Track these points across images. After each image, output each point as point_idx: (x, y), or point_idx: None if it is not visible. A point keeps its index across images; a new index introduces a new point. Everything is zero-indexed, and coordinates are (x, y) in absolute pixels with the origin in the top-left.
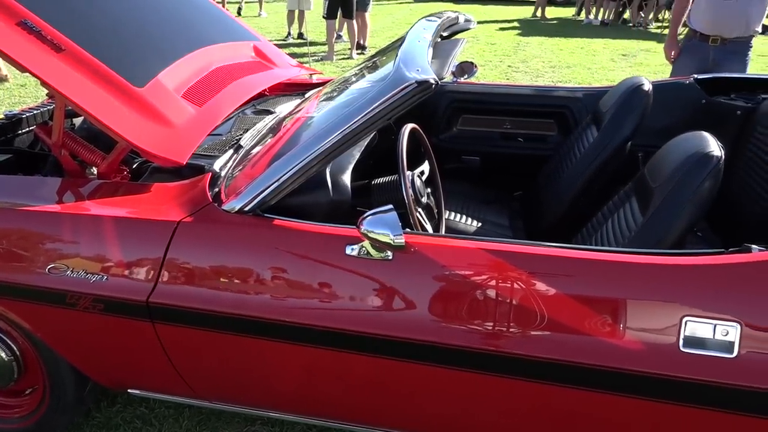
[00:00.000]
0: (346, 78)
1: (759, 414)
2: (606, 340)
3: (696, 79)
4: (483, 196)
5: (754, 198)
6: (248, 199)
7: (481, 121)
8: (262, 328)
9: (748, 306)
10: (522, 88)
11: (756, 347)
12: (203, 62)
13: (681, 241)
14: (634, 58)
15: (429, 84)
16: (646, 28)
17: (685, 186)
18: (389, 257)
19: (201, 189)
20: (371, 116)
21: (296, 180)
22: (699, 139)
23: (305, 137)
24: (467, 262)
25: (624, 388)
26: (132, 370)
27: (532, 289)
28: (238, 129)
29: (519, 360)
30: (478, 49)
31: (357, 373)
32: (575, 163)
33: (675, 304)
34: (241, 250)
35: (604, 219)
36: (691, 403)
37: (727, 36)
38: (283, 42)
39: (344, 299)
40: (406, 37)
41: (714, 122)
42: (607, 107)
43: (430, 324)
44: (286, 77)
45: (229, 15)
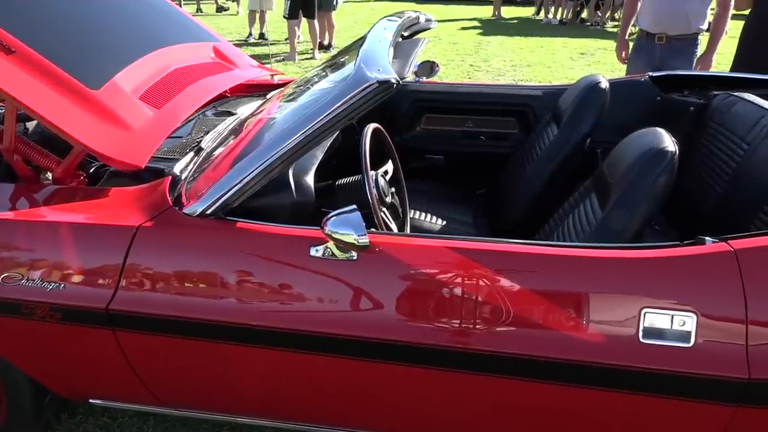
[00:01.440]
0: (308, 78)
1: (715, 401)
2: (569, 333)
3: (651, 77)
4: (447, 195)
5: (708, 191)
6: (210, 202)
7: (444, 120)
8: (227, 332)
9: (703, 296)
10: (484, 87)
11: (711, 336)
12: (161, 64)
13: (639, 235)
14: (592, 56)
15: (390, 84)
16: (603, 27)
17: (641, 181)
18: (354, 257)
19: (161, 193)
20: (333, 116)
21: (259, 182)
22: (654, 135)
23: (267, 138)
24: (432, 260)
25: (587, 380)
26: (93, 379)
27: (497, 285)
28: (198, 131)
29: (486, 356)
30: (440, 48)
31: (325, 375)
32: (536, 160)
33: (634, 296)
34: (203, 254)
35: (565, 214)
36: (651, 392)
37: (671, 33)
38: (244, 42)
39: (310, 301)
40: (366, 37)
41: (669, 118)
42: (566, 105)
43: (396, 323)
44: (247, 78)
45: (188, 16)
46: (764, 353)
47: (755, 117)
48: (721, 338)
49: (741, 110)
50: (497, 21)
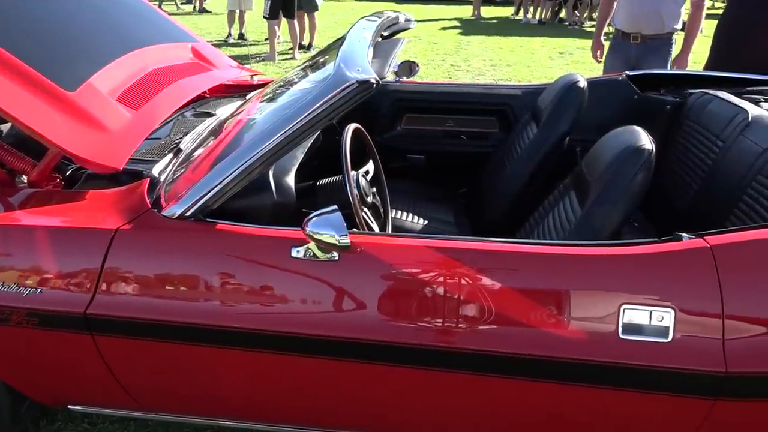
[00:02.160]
0: (287, 79)
1: (693, 395)
2: (551, 331)
3: (628, 76)
4: (428, 194)
5: (685, 188)
6: (189, 204)
7: (425, 119)
8: (208, 335)
9: (680, 292)
10: (464, 86)
11: (689, 331)
12: (138, 65)
13: (617, 232)
14: (570, 55)
15: (370, 84)
16: (581, 27)
17: (619, 179)
18: (335, 258)
19: (139, 195)
20: (313, 117)
21: (239, 183)
22: (631, 133)
23: (247, 139)
24: (414, 260)
25: (569, 377)
26: (72, 384)
27: (478, 284)
28: (177, 132)
29: (469, 355)
30: (420, 48)
31: (308, 376)
32: (517, 159)
33: (613, 293)
34: (183, 256)
35: (545, 213)
36: (631, 387)
37: (645, 33)
38: (223, 43)
39: (291, 302)
40: (346, 38)
41: (646, 116)
42: (545, 104)
43: (379, 323)
44: (226, 79)
45: (165, 16)
46: (740, 347)
47: (729, 115)
48: (698, 333)
49: (716, 108)
50: (477, 21)
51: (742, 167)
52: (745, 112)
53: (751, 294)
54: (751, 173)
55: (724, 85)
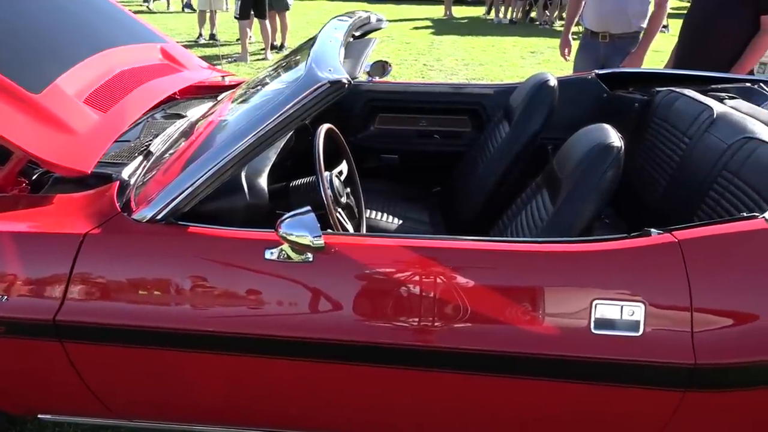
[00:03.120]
0: (259, 79)
1: (664, 387)
2: (526, 327)
3: (597, 74)
4: (403, 194)
5: (654, 184)
6: (160, 207)
7: (398, 119)
8: (182, 339)
9: (650, 286)
10: (436, 86)
11: (659, 325)
12: (106, 66)
13: (589, 228)
14: (541, 54)
15: (342, 84)
16: (551, 26)
17: (589, 176)
18: (310, 259)
19: (108, 198)
20: (285, 117)
21: (210, 185)
22: (600, 131)
23: (219, 141)
24: (389, 259)
25: (543, 372)
26: (41, 393)
27: (453, 282)
28: (147, 134)
29: (446, 353)
30: (393, 48)
31: (284, 379)
32: (489, 157)
33: (585, 289)
34: (154, 260)
35: (518, 210)
36: (603, 381)
37: (613, 32)
38: (194, 44)
39: (266, 304)
40: (317, 38)
41: (615, 114)
42: (516, 103)
43: (355, 324)
44: (197, 80)
45: (133, 16)
46: (709, 339)
47: (695, 112)
48: (668, 326)
49: (682, 106)
50: (449, 21)
51: (708, 163)
52: (710, 110)
53: (717, 287)
54: (717, 169)
55: (690, 83)
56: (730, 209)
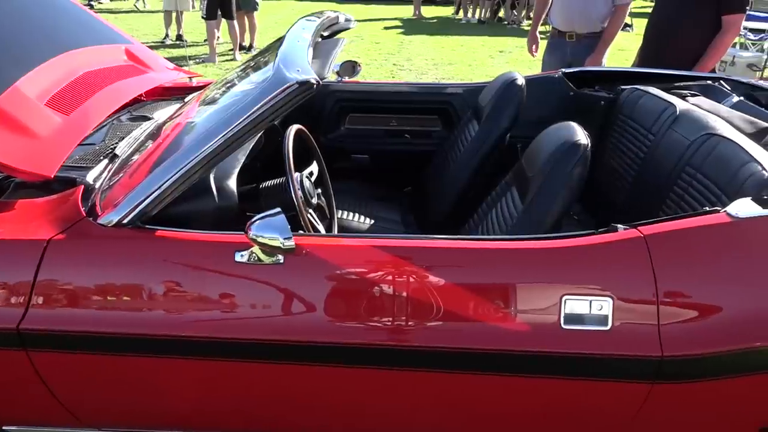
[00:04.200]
0: (227, 80)
1: (633, 380)
2: (498, 324)
3: (564, 73)
4: (374, 194)
5: (620, 181)
6: (127, 211)
7: (368, 119)
8: (152, 345)
9: (617, 281)
10: (406, 86)
11: (627, 318)
12: (69, 68)
13: (558, 225)
14: (510, 54)
15: (310, 84)
16: (519, 25)
17: (557, 173)
18: (281, 261)
19: (73, 203)
20: (253, 119)
21: (178, 187)
22: (567, 129)
23: (186, 143)
24: (361, 260)
25: (515, 368)
26: (5, 404)
27: (426, 281)
28: (112, 137)
29: (420, 352)
30: (363, 48)
31: (258, 382)
32: (460, 156)
33: (555, 285)
34: (121, 265)
35: (488, 208)
36: (573, 376)
37: (580, 32)
38: (160, 44)
39: (238, 308)
40: (285, 38)
41: (582, 112)
42: (485, 102)
43: (328, 325)
44: (163, 81)
45: (96, 16)
46: (674, 331)
47: (659, 109)
48: (635, 320)
49: (646, 103)
50: (418, 21)
51: (672, 159)
52: (673, 107)
53: (682, 280)
54: (680, 165)
55: (654, 81)
56: (694, 204)
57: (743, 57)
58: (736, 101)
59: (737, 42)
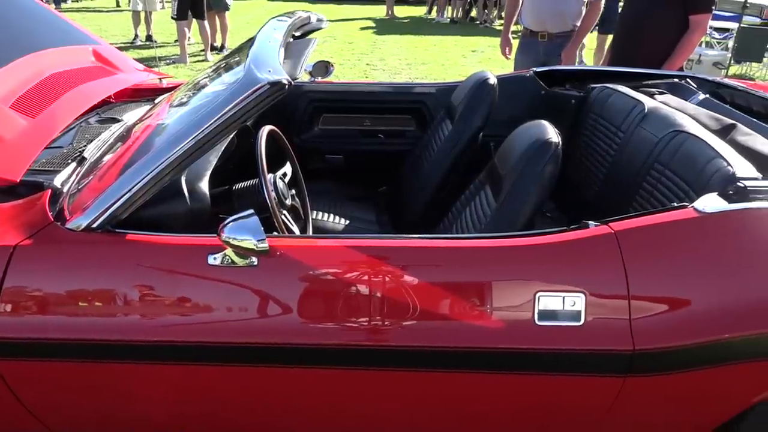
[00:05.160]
0: (197, 81)
1: (606, 374)
2: (473, 322)
3: (535, 72)
4: (349, 194)
5: (592, 178)
6: (96, 215)
7: (342, 119)
8: (125, 351)
9: (589, 276)
10: (379, 85)
11: (599, 313)
12: (34, 69)
13: (531, 222)
14: (482, 53)
15: (282, 84)
16: (491, 25)
17: (529, 172)
18: (254, 263)
19: (40, 208)
20: (224, 120)
21: (149, 190)
22: (538, 127)
23: (157, 144)
24: (336, 260)
25: (491, 365)
26: None
27: (401, 281)
28: (80, 140)
29: (397, 352)
30: (336, 48)
31: (234, 386)
32: (433, 155)
33: (529, 281)
34: (91, 270)
35: (462, 207)
36: (548, 371)
37: (552, 31)
38: (130, 45)
39: (212, 311)
40: (256, 38)
41: (553, 111)
42: (458, 101)
43: (304, 327)
44: (133, 82)
45: (62, 17)
46: (645, 325)
47: (628, 107)
48: (607, 315)
49: (616, 102)
50: (391, 20)
51: (641, 156)
52: (641, 105)
53: (652, 274)
54: (649, 162)
55: (623, 80)
56: (663, 200)
57: (709, 55)
58: (702, 99)
59: (703, 41)
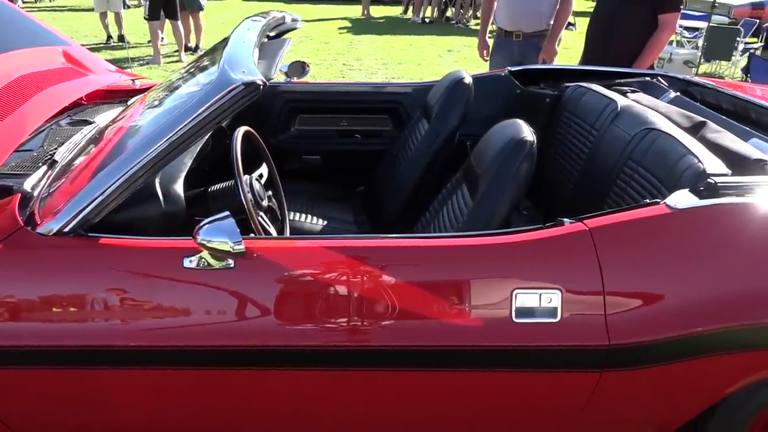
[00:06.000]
0: (171, 82)
1: (582, 369)
2: (452, 321)
3: (510, 71)
4: (326, 194)
5: (567, 176)
6: (68, 219)
7: (319, 120)
8: (101, 357)
9: (565, 273)
10: (356, 85)
11: (575, 309)
12: (1, 71)
13: (507, 221)
14: (458, 53)
15: (257, 85)
16: (466, 25)
17: (504, 170)
18: (231, 265)
19: (9, 212)
20: (199, 121)
21: (122, 193)
22: (514, 126)
23: (130, 147)
24: (313, 261)
25: (469, 363)
26: None
27: (379, 281)
28: (51, 143)
29: (375, 352)
30: (312, 48)
31: (213, 390)
32: (410, 155)
33: (506, 279)
34: (64, 275)
35: (440, 206)
36: (525, 368)
37: (526, 31)
38: (104, 46)
39: (189, 314)
40: (230, 39)
41: (528, 110)
42: (434, 101)
43: (282, 329)
44: (104, 84)
45: (31, 18)
46: (620, 320)
47: (602, 106)
48: (583, 311)
49: (589, 100)
50: (367, 20)
51: (615, 154)
52: (614, 103)
53: (626, 270)
54: (623, 159)
55: (596, 78)
56: (636, 196)
57: (680, 54)
58: (674, 97)
59: (674, 40)
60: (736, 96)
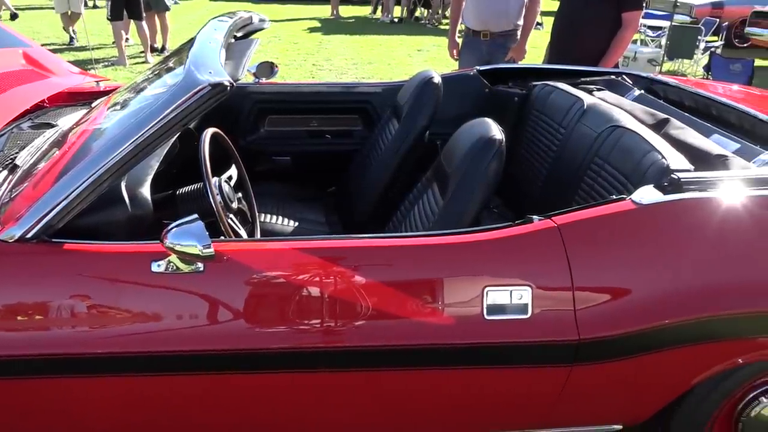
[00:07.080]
0: (136, 84)
1: (553, 364)
2: (425, 320)
3: (478, 71)
4: (297, 195)
5: (536, 173)
6: (30, 224)
7: (288, 120)
8: (68, 365)
9: (535, 270)
10: (325, 86)
11: (545, 306)
12: None
13: (477, 219)
14: (428, 52)
15: (224, 86)
16: (436, 25)
17: (474, 169)
18: (200, 269)
19: None
20: (165, 123)
21: (86, 197)
22: (482, 125)
23: (94, 149)
24: (285, 263)
25: (442, 361)
26: None
27: (351, 281)
28: (12, 147)
29: (348, 353)
30: (281, 48)
31: (184, 395)
32: (381, 154)
33: (477, 277)
34: (27, 283)
35: (411, 205)
36: (497, 364)
37: (494, 30)
38: (66, 47)
39: (158, 320)
40: (196, 39)
41: (497, 108)
42: (404, 100)
43: (253, 332)
44: (67, 86)
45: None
46: (589, 315)
47: (568, 104)
48: (553, 306)
49: (556, 98)
50: (336, 20)
51: (582, 151)
52: (581, 101)
53: (594, 265)
54: (590, 156)
55: (563, 77)
56: (603, 193)
57: (644, 53)
58: (638, 95)
59: (638, 39)
60: (698, 93)
